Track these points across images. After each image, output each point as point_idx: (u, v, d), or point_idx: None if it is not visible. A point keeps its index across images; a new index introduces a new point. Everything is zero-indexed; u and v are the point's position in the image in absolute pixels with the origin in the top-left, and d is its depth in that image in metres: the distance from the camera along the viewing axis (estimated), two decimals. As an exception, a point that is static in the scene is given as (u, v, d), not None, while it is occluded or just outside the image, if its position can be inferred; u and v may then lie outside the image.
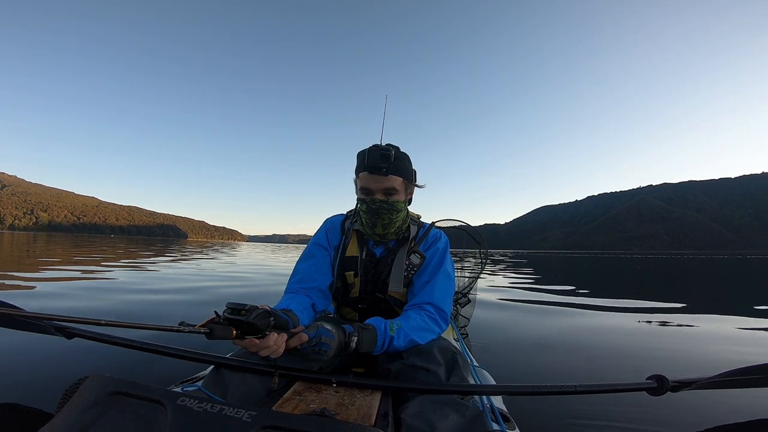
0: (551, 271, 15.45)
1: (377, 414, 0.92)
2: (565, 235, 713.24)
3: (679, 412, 1.91)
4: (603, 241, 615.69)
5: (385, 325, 1.18)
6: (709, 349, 3.27)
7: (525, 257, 36.44)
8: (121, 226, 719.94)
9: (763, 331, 4.14)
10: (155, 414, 0.65)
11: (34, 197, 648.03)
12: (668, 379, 1.09)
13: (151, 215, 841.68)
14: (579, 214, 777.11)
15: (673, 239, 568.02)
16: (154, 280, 6.95)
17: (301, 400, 0.96)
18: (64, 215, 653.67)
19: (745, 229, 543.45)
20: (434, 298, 1.34)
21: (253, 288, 6.79)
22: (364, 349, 1.12)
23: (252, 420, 0.63)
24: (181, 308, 4.36)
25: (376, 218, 1.37)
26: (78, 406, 0.66)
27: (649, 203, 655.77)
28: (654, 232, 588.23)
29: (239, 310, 0.84)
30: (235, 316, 0.84)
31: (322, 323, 1.06)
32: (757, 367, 1.15)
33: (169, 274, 8.09)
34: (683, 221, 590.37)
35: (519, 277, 11.40)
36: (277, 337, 0.93)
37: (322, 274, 1.45)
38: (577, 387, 1.04)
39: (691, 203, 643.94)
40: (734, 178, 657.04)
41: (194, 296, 5.28)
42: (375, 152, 1.30)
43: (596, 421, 1.82)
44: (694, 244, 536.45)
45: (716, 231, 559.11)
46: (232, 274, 9.28)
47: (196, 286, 6.42)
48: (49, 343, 2.23)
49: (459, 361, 1.16)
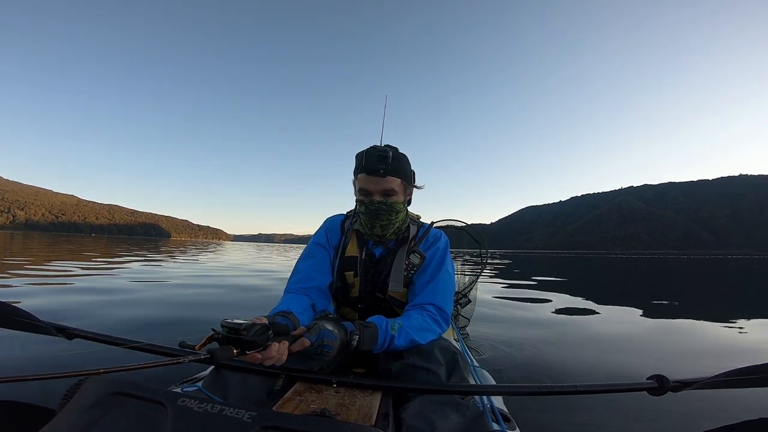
0: (543, 270, 15.61)
1: (378, 414, 0.92)
2: (549, 235, 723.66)
3: (679, 412, 1.92)
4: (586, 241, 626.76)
5: (387, 323, 1.17)
6: (709, 349, 3.30)
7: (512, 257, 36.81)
8: (101, 225, 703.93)
9: (761, 331, 4.19)
10: (156, 414, 0.65)
11: (11, 195, 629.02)
12: (669, 379, 1.09)
13: (133, 214, 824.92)
14: (563, 214, 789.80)
15: (652, 239, 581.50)
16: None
17: (302, 400, 0.95)
18: (41, 214, 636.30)
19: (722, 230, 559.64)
20: (436, 299, 1.34)
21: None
22: (365, 346, 1.11)
23: (252, 420, 0.63)
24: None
25: (374, 219, 1.36)
26: (79, 407, 0.66)
27: (630, 204, 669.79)
28: (635, 232, 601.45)
29: (236, 329, 0.83)
30: (233, 335, 0.83)
31: (323, 323, 1.05)
32: (757, 367, 1.16)
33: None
34: (663, 222, 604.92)
35: (515, 276, 11.50)
36: (279, 345, 0.91)
37: (322, 274, 1.44)
38: (578, 387, 1.04)
39: (670, 204, 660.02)
40: (712, 180, 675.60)
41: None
42: (372, 154, 1.29)
43: (597, 421, 1.82)
44: (673, 244, 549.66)
45: (694, 232, 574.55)
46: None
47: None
48: (49, 344, 2.22)
49: (460, 362, 1.16)
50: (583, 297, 7.00)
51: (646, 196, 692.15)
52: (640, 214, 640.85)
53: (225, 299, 5.32)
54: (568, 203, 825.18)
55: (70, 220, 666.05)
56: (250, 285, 7.17)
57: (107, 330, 1.39)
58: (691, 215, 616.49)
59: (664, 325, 4.41)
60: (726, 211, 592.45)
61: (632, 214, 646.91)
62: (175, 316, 3.88)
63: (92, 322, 3.43)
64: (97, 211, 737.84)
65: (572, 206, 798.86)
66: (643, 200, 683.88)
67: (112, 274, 7.76)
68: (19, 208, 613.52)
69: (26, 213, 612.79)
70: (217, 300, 5.21)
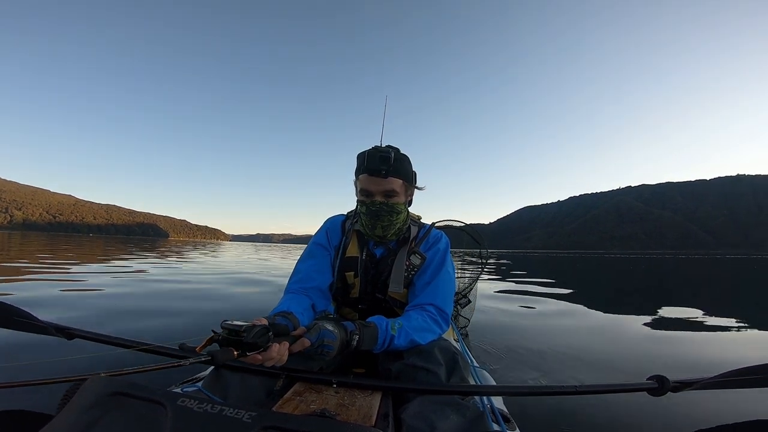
0: (542, 271, 15.56)
1: (378, 414, 0.92)
2: (547, 234, 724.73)
3: (679, 412, 1.91)
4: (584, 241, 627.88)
5: (387, 323, 1.17)
6: (709, 349, 3.29)
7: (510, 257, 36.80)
8: (98, 225, 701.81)
9: (761, 330, 4.19)
10: (156, 415, 0.64)
11: (8, 195, 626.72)
12: (669, 379, 1.09)
13: (131, 214, 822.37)
14: (561, 214, 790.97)
15: (650, 239, 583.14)
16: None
17: (302, 400, 0.95)
18: (39, 214, 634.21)
19: (719, 230, 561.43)
20: (437, 299, 1.34)
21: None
22: (365, 346, 1.10)
23: (252, 421, 0.63)
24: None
25: (375, 220, 1.36)
26: (78, 407, 0.65)
27: (628, 204, 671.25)
28: (633, 232, 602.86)
29: (237, 331, 0.83)
30: (233, 337, 0.83)
31: (323, 323, 1.04)
32: (757, 367, 1.16)
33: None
34: (660, 222, 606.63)
35: (513, 277, 11.46)
36: (279, 346, 0.91)
37: (323, 274, 1.43)
38: (578, 387, 1.04)
39: (668, 204, 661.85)
40: (709, 180, 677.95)
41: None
42: (374, 154, 1.29)
43: (597, 421, 1.81)
44: (671, 244, 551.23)
45: (692, 231, 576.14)
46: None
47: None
48: (49, 344, 2.22)
49: (460, 362, 1.16)
50: (582, 297, 6.98)
51: (644, 196, 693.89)
52: (638, 214, 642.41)
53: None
54: (567, 203, 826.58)
55: (68, 220, 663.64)
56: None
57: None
58: (689, 215, 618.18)
59: (663, 325, 4.39)
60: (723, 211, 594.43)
61: (630, 214, 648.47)
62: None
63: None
64: (95, 211, 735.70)
65: (570, 206, 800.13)
66: (641, 200, 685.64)
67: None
68: (16, 207, 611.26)
69: (24, 213, 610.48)
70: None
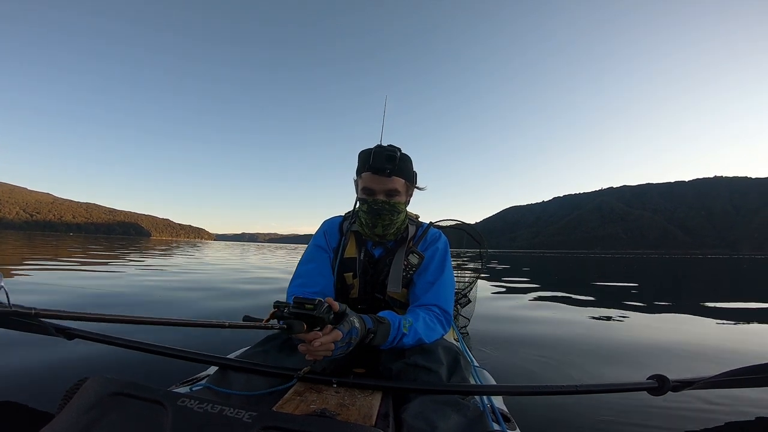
0: (535, 270, 15.66)
1: (378, 414, 0.91)
2: (532, 234, 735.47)
3: (679, 412, 1.92)
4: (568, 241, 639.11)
5: (399, 321, 1.16)
6: (710, 349, 3.29)
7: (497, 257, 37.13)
8: (78, 224, 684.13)
9: (760, 326, 4.27)
10: (156, 415, 0.65)
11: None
12: (669, 378, 1.10)
13: (111, 213, 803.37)
14: (546, 214, 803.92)
15: (630, 239, 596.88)
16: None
17: (302, 400, 0.94)
18: (15, 212, 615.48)
19: (697, 230, 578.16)
20: (440, 300, 1.34)
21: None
22: (375, 342, 1.10)
23: (252, 421, 0.63)
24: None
25: (376, 219, 1.35)
26: (78, 407, 0.65)
27: (610, 205, 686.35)
28: (614, 232, 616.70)
29: (304, 303, 0.85)
30: (302, 311, 0.85)
31: (353, 319, 1.02)
32: (757, 367, 1.18)
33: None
34: (641, 222, 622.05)
35: (510, 276, 11.55)
36: (332, 333, 0.92)
37: (324, 277, 1.42)
38: (578, 387, 1.05)
39: (648, 204, 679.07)
40: (688, 182, 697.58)
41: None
42: (380, 153, 1.28)
43: (597, 421, 1.82)
44: (651, 244, 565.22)
45: (671, 231, 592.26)
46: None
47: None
48: (49, 344, 2.20)
49: (461, 361, 1.16)
50: (583, 296, 7.01)
51: (625, 197, 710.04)
52: (619, 214, 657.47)
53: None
54: (551, 204, 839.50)
55: (45, 218, 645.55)
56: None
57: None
58: (668, 215, 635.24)
59: (663, 325, 4.41)
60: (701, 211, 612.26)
61: (612, 214, 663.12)
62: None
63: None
64: (74, 209, 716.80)
65: (555, 206, 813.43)
66: (622, 200, 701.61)
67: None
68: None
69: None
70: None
